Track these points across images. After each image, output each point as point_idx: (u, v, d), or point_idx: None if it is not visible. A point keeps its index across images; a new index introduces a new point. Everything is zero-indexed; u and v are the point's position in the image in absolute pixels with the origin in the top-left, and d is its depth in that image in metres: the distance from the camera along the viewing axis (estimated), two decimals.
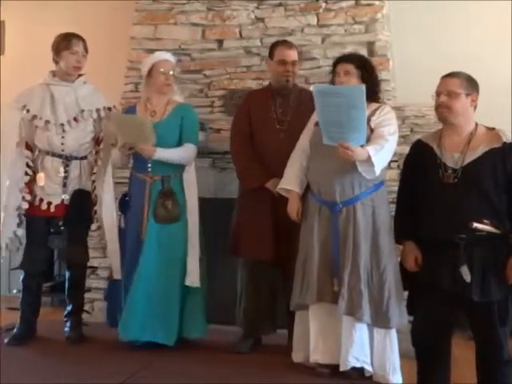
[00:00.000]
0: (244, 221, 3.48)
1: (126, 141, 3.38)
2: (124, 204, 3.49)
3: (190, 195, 3.46)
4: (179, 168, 3.47)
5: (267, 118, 3.45)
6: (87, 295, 4.05)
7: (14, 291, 4.51)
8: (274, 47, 3.53)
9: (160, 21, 4.56)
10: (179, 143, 3.46)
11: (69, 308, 3.70)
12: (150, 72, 3.48)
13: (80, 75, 3.59)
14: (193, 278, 3.41)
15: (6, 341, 3.52)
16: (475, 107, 2.80)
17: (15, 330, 3.58)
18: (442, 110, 2.77)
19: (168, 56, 3.55)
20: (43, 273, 3.72)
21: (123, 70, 4.61)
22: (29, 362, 3.29)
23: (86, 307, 4.02)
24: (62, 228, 3.66)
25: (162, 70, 3.44)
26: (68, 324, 3.67)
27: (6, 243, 3.51)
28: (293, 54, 3.48)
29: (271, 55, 3.52)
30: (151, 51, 4.50)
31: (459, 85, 2.76)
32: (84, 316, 3.85)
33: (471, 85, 2.78)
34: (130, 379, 3.03)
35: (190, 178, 3.49)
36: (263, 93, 3.59)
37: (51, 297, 4.71)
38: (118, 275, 3.54)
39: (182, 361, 3.30)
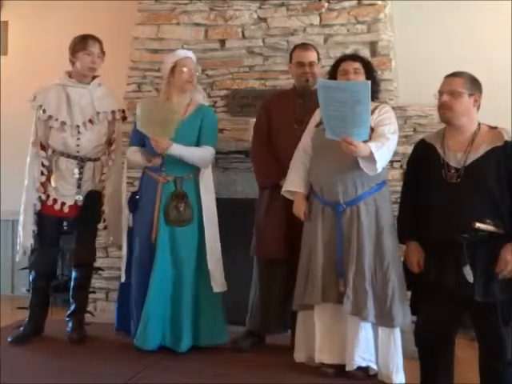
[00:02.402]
0: (260, 219, 3.51)
1: (144, 129, 3.32)
2: (133, 203, 3.48)
3: (207, 200, 3.41)
4: (193, 170, 3.42)
5: (286, 118, 3.48)
6: (90, 295, 4.05)
7: (24, 290, 4.48)
8: (292, 51, 3.60)
9: (163, 21, 4.57)
10: (197, 145, 3.42)
11: (72, 308, 3.70)
12: (172, 70, 3.45)
13: (94, 77, 3.58)
14: (217, 284, 3.39)
15: (10, 338, 3.51)
16: (478, 107, 2.80)
17: (22, 329, 3.57)
18: (445, 110, 2.77)
19: (190, 54, 3.51)
20: (52, 273, 3.72)
21: (125, 70, 4.61)
22: (31, 362, 3.28)
23: (89, 307, 4.02)
24: (66, 228, 3.66)
25: (185, 68, 3.40)
26: (70, 324, 3.66)
27: (31, 243, 3.50)
28: (309, 55, 3.51)
29: (290, 58, 3.58)
30: (154, 51, 4.54)
31: (462, 84, 2.75)
32: (86, 315, 3.84)
33: (474, 85, 2.78)
34: (133, 379, 3.02)
35: (206, 183, 3.44)
36: (286, 94, 3.65)
37: (54, 296, 4.71)
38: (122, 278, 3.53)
39: (185, 360, 3.29)
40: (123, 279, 3.49)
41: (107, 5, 4.95)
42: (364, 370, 3.00)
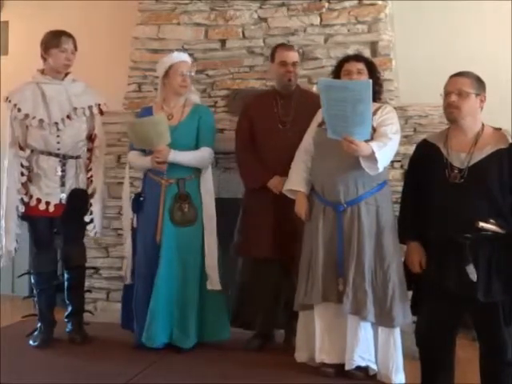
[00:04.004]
0: (247, 220, 3.54)
1: (143, 147, 3.41)
2: (138, 204, 3.48)
3: (207, 200, 3.45)
4: (194, 170, 3.45)
5: (270, 119, 3.49)
6: (90, 295, 4.04)
7: (24, 295, 4.44)
8: (274, 50, 3.60)
9: (163, 21, 4.57)
10: (196, 145, 3.45)
11: (69, 309, 3.68)
12: (166, 73, 3.47)
13: (67, 73, 3.54)
14: (213, 283, 3.43)
15: (34, 343, 3.50)
16: (482, 107, 2.80)
17: (37, 333, 3.54)
18: (452, 110, 2.76)
19: (185, 57, 3.54)
20: (54, 272, 3.70)
21: (126, 70, 4.61)
22: (31, 362, 3.29)
23: (89, 307, 4.01)
24: (55, 230, 3.64)
25: (179, 71, 3.42)
26: (69, 325, 3.65)
27: (15, 247, 3.47)
28: (293, 55, 3.53)
29: (272, 58, 3.58)
30: (154, 51, 4.54)
31: (470, 84, 2.75)
32: (87, 315, 3.83)
33: (480, 85, 2.78)
34: (134, 379, 3.03)
35: (206, 183, 3.48)
36: (266, 95, 3.66)
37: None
38: (127, 280, 3.54)
39: (186, 360, 3.30)
40: (129, 281, 3.49)
41: (107, 5, 4.94)
42: (363, 369, 3.01)
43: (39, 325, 3.57)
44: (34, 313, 3.68)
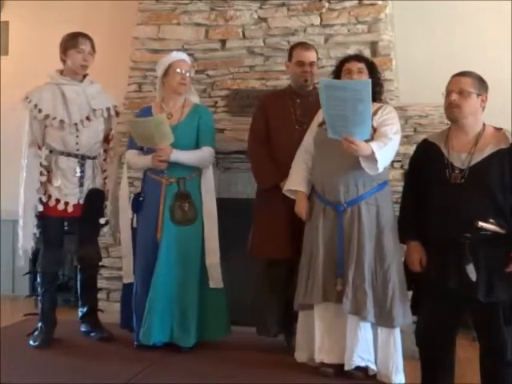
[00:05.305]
0: (260, 221, 3.51)
1: (145, 145, 3.41)
2: (137, 204, 3.49)
3: (208, 199, 3.47)
4: (195, 170, 3.46)
5: (286, 119, 3.46)
6: None
7: (26, 294, 4.46)
8: (292, 49, 3.57)
9: (163, 21, 4.57)
10: (196, 145, 3.46)
11: (84, 309, 3.69)
12: (165, 72, 3.48)
13: (85, 75, 3.57)
14: (215, 281, 3.46)
15: (35, 343, 3.50)
16: (483, 108, 2.80)
17: (42, 333, 3.54)
18: (453, 109, 2.76)
19: (184, 56, 3.55)
20: (57, 273, 3.72)
21: (126, 71, 4.62)
22: (31, 362, 3.29)
23: None
24: (67, 228, 3.65)
25: (178, 70, 3.43)
26: (85, 326, 3.67)
27: (32, 246, 3.48)
28: (310, 55, 3.49)
29: (290, 57, 3.55)
30: (154, 51, 4.54)
31: (471, 84, 2.75)
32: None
33: (482, 85, 2.78)
34: (134, 379, 3.03)
35: (207, 182, 3.49)
36: (282, 94, 3.61)
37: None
38: (128, 279, 3.55)
39: (186, 360, 3.30)
40: (131, 279, 3.50)
41: (108, 5, 4.95)
42: (363, 370, 3.01)
43: (40, 325, 3.58)
44: (36, 312, 3.69)
